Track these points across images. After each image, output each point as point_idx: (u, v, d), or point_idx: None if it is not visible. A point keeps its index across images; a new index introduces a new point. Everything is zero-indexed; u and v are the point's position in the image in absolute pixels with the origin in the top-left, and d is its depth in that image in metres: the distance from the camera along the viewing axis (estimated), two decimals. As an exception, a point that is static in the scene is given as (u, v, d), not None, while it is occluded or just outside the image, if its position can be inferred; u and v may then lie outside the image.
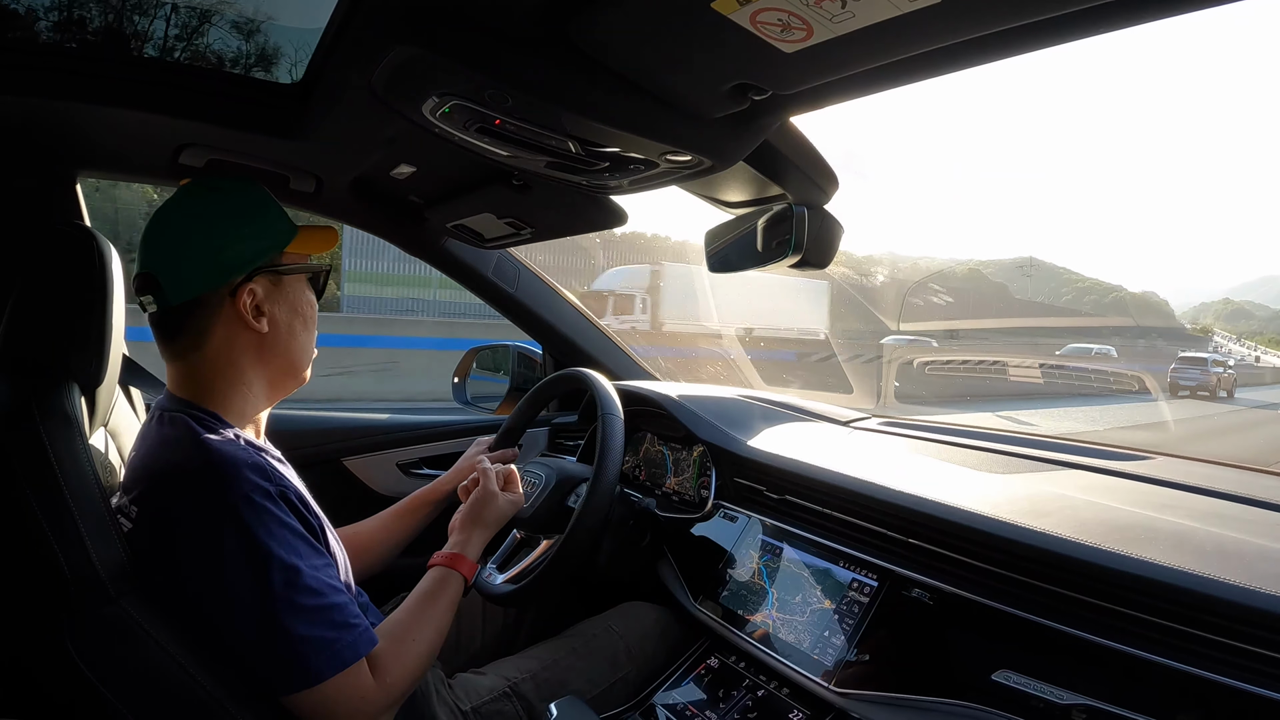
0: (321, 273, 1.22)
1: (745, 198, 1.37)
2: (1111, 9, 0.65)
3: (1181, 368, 23.10)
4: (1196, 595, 0.87)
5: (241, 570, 0.94)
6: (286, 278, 1.15)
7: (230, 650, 0.96)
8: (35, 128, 1.29)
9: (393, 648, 1.07)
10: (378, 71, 1.00)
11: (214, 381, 1.10)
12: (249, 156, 1.41)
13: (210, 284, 1.08)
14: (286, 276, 1.15)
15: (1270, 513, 1.14)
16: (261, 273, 1.11)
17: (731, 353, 12.86)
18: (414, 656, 1.10)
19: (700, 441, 1.68)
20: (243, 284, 1.09)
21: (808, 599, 1.29)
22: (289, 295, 1.16)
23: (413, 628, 1.14)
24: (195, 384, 1.10)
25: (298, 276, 1.17)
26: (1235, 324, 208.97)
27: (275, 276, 1.13)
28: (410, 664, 1.09)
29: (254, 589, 0.94)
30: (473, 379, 2.37)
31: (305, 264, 1.18)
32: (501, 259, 2.07)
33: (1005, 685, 0.98)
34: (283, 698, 0.97)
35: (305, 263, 1.18)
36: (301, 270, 1.18)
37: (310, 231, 1.17)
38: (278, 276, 1.14)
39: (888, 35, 0.73)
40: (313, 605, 0.97)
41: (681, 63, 0.87)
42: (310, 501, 1.11)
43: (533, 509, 1.51)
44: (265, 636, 0.95)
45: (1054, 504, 1.15)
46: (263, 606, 0.94)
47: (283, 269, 1.14)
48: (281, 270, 1.14)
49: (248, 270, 1.10)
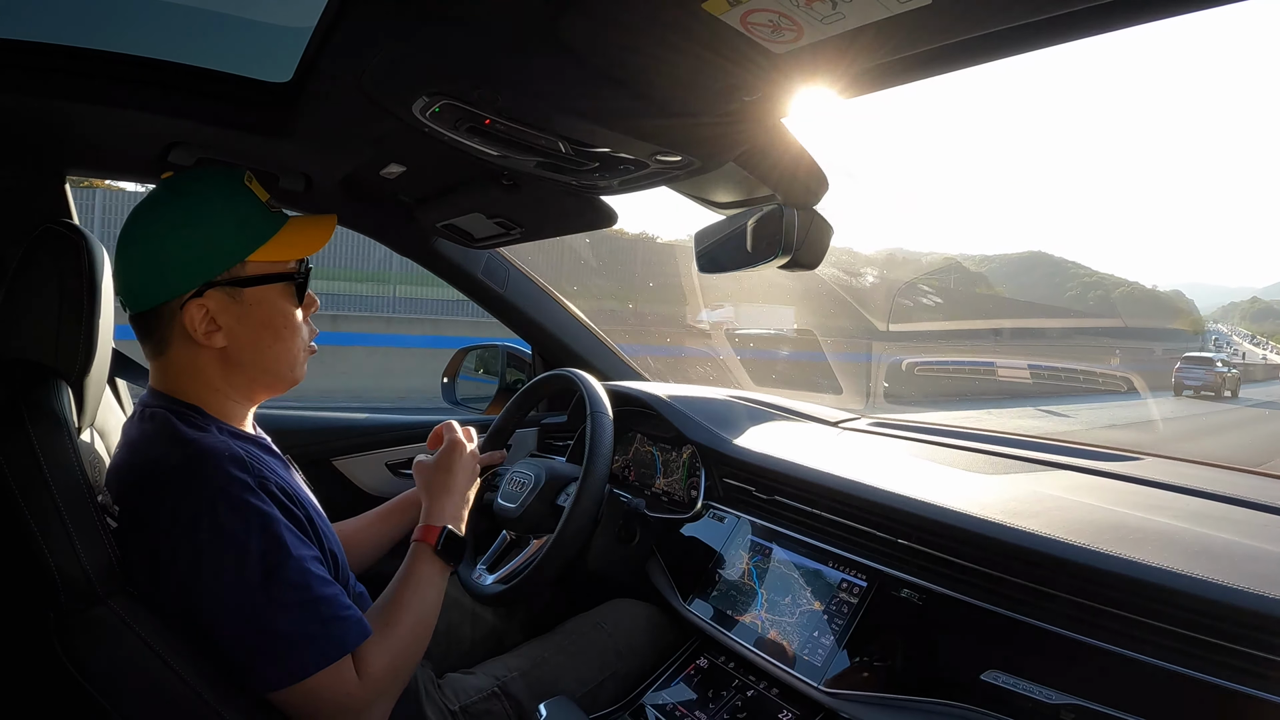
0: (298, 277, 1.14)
1: (735, 198, 1.37)
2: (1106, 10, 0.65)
3: (1186, 367, 23.69)
4: (1184, 595, 0.88)
5: (221, 565, 0.94)
6: (250, 290, 1.08)
7: (216, 646, 0.95)
8: (23, 127, 1.28)
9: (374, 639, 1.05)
10: (367, 70, 1.00)
11: (187, 383, 1.09)
12: (238, 155, 1.40)
13: (158, 298, 1.05)
14: (250, 289, 1.08)
15: (1257, 513, 1.15)
16: (215, 286, 1.06)
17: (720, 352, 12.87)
18: (398, 641, 1.08)
19: (689, 442, 1.69)
20: (193, 298, 1.05)
21: (797, 599, 1.30)
22: (254, 307, 1.09)
23: (392, 613, 1.12)
24: (172, 381, 1.09)
25: (268, 285, 1.10)
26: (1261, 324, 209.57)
27: (233, 290, 1.07)
28: (396, 650, 1.07)
29: (235, 583, 0.94)
30: (462, 379, 2.36)
31: (273, 272, 1.10)
32: (491, 259, 2.06)
33: (994, 685, 0.99)
34: (268, 693, 0.97)
35: (276, 270, 1.11)
36: (266, 281, 1.10)
37: (293, 231, 1.13)
38: (237, 290, 1.07)
39: (878, 36, 0.73)
40: (297, 599, 0.96)
41: (672, 63, 0.87)
42: (297, 492, 1.09)
43: (522, 509, 1.50)
44: (249, 631, 0.94)
45: (1042, 504, 1.15)
46: (245, 601, 0.94)
47: (242, 281, 1.08)
48: (241, 282, 1.07)
49: (196, 284, 1.05)
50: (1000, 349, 22.26)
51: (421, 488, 1.34)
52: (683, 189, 1.37)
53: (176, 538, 0.95)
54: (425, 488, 1.33)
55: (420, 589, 1.17)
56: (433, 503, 1.29)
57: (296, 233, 1.13)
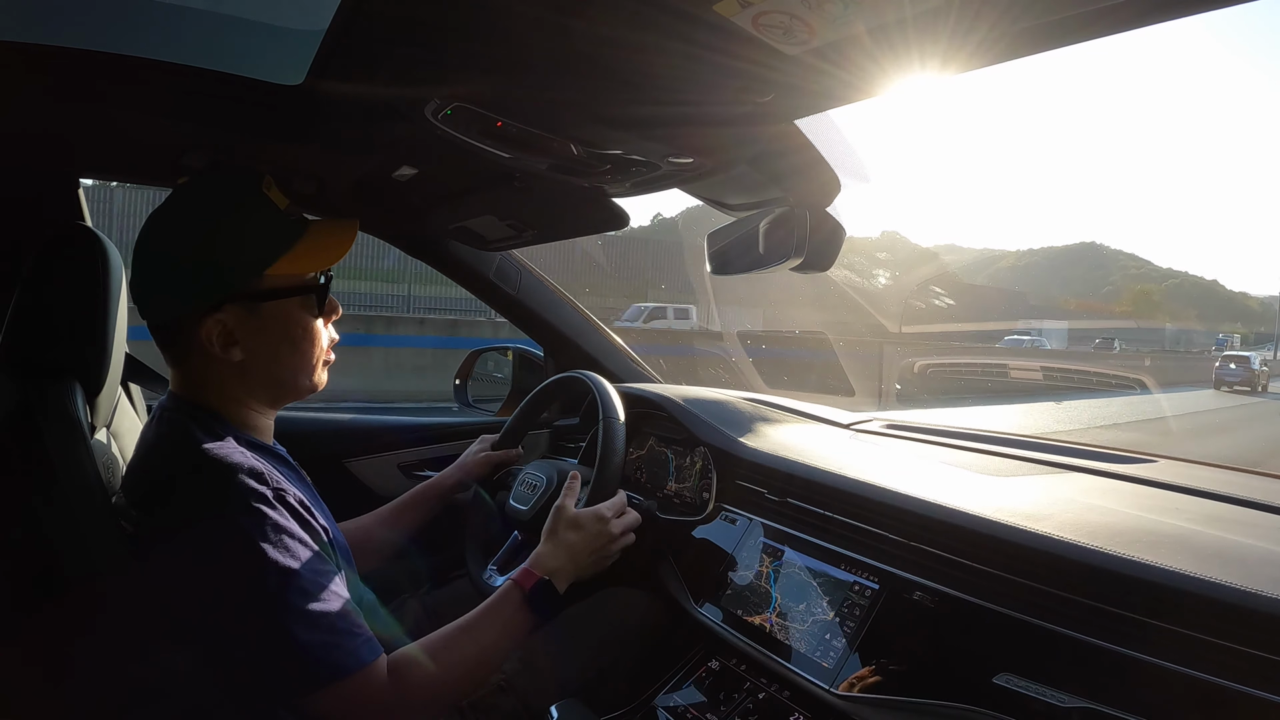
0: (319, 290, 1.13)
1: (747, 200, 1.37)
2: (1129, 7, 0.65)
3: (1225, 365, 27.16)
4: (1198, 598, 0.87)
5: (238, 576, 0.94)
6: (267, 304, 1.07)
7: (231, 656, 0.96)
8: (36, 130, 1.29)
9: (424, 653, 1.06)
10: (380, 73, 1.00)
11: (207, 392, 1.08)
12: (250, 158, 1.41)
13: (173, 312, 1.05)
14: (267, 303, 1.07)
15: (1272, 516, 1.14)
16: (232, 301, 1.05)
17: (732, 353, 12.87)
18: (444, 667, 1.07)
19: (701, 444, 1.68)
20: (209, 313, 1.03)
21: (808, 602, 1.29)
22: (272, 321, 1.08)
23: (453, 639, 1.11)
24: (191, 389, 1.09)
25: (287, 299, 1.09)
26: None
27: (251, 305, 1.06)
28: (439, 675, 1.06)
29: (251, 594, 0.94)
30: (474, 381, 2.37)
31: (291, 285, 1.09)
32: (503, 261, 2.07)
33: (1006, 688, 0.98)
34: (285, 704, 0.97)
35: (295, 283, 1.10)
36: (284, 295, 1.09)
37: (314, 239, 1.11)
38: (254, 304, 1.06)
39: (890, 37, 0.73)
40: (313, 610, 0.96)
41: (683, 65, 0.87)
42: (314, 506, 1.09)
43: (533, 511, 1.51)
44: (265, 642, 0.94)
45: (1056, 507, 1.15)
46: (261, 612, 0.94)
47: (261, 294, 1.07)
48: (259, 296, 1.07)
49: (212, 300, 1.04)
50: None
51: (550, 531, 1.31)
52: (695, 190, 1.37)
53: (194, 547, 0.95)
54: (554, 533, 1.30)
55: (491, 628, 1.15)
56: (553, 548, 1.28)
57: (316, 242, 1.12)
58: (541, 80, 0.94)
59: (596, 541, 1.31)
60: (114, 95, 1.18)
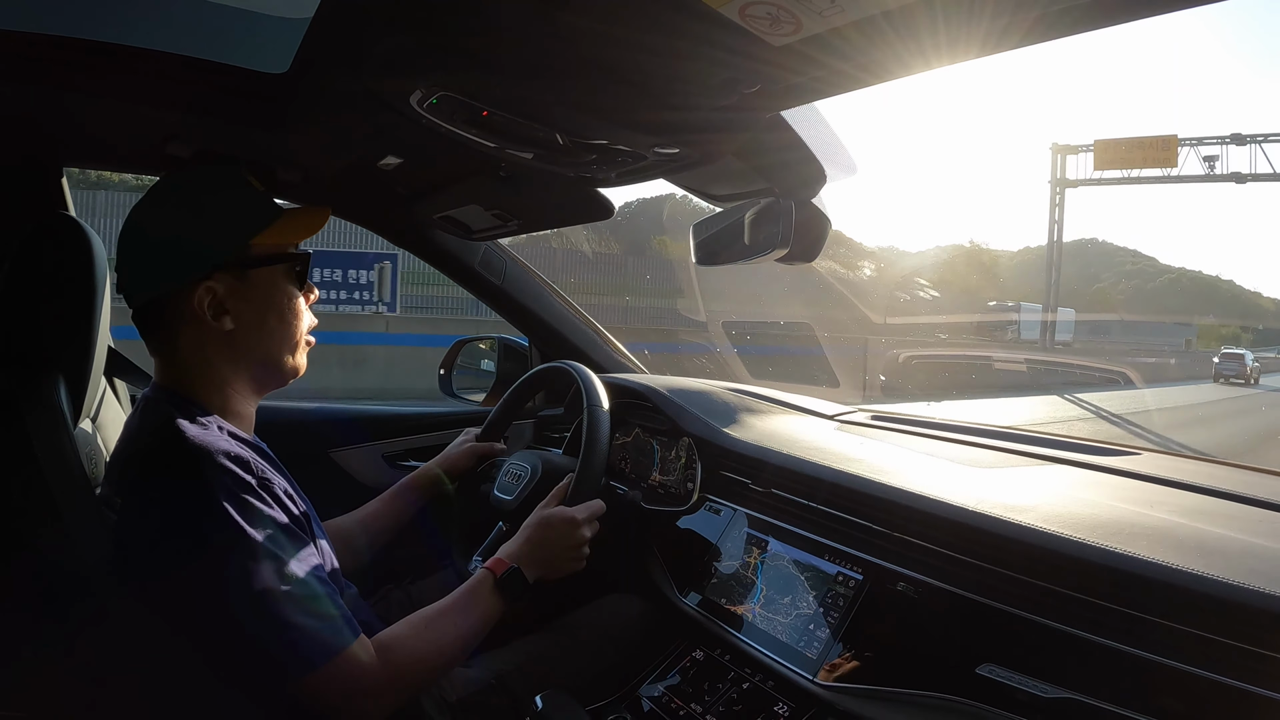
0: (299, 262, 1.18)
1: (733, 191, 1.37)
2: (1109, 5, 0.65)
3: (1223, 362, 31.37)
4: (1180, 590, 0.88)
5: (222, 562, 0.94)
6: (255, 271, 1.12)
7: (217, 641, 0.96)
8: (20, 118, 1.28)
9: (409, 632, 1.09)
10: (365, 62, 0.99)
11: (192, 376, 1.10)
12: (235, 146, 1.40)
13: (164, 284, 1.07)
14: (255, 270, 1.12)
15: (1255, 509, 1.15)
16: (222, 269, 1.09)
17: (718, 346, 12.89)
18: (426, 645, 1.11)
19: (686, 434, 1.68)
20: (200, 281, 1.07)
21: (793, 592, 1.30)
22: (259, 289, 1.13)
23: (435, 619, 1.15)
24: (175, 375, 1.10)
25: (272, 268, 1.15)
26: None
27: (239, 271, 1.11)
28: (423, 653, 1.10)
29: (236, 580, 0.94)
30: (458, 371, 2.36)
31: (276, 254, 1.15)
32: (488, 251, 2.06)
33: (989, 679, 0.99)
34: (273, 687, 0.97)
35: (278, 252, 1.15)
36: (270, 263, 1.14)
37: (290, 218, 1.16)
38: (242, 271, 1.11)
39: (877, 29, 0.72)
40: (298, 595, 0.97)
41: (670, 55, 0.87)
42: (295, 494, 1.10)
43: (518, 501, 1.51)
44: (252, 627, 0.95)
45: (1039, 498, 1.15)
46: (247, 597, 0.94)
47: (248, 262, 1.11)
48: (247, 263, 1.11)
49: (204, 268, 1.08)
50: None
51: (525, 525, 1.33)
52: (681, 181, 1.36)
53: (178, 533, 0.95)
54: (527, 528, 1.33)
55: (468, 611, 1.18)
56: (522, 542, 1.30)
57: (294, 219, 1.17)
58: (528, 70, 0.94)
59: (564, 541, 1.33)
60: (98, 83, 1.17)
